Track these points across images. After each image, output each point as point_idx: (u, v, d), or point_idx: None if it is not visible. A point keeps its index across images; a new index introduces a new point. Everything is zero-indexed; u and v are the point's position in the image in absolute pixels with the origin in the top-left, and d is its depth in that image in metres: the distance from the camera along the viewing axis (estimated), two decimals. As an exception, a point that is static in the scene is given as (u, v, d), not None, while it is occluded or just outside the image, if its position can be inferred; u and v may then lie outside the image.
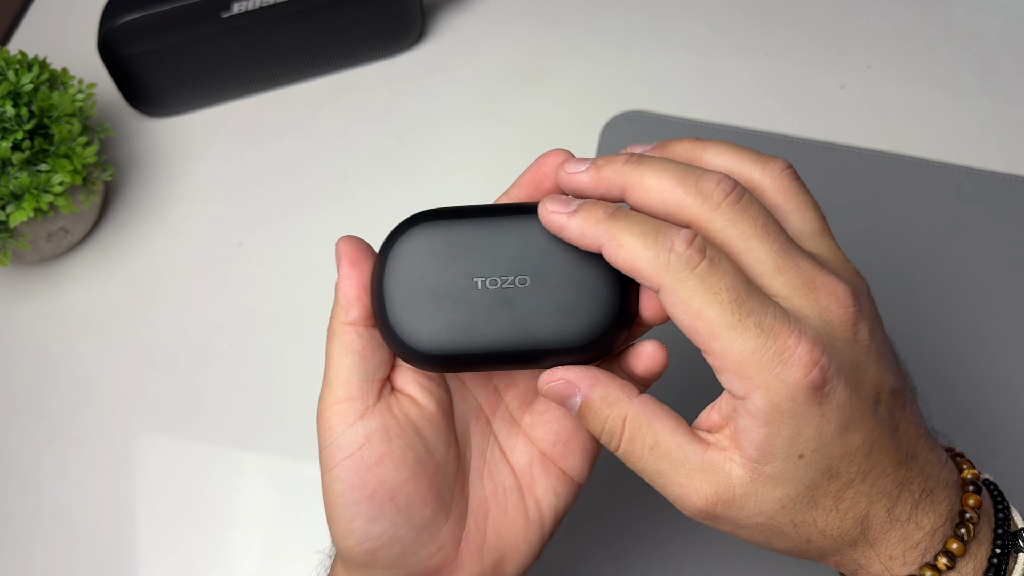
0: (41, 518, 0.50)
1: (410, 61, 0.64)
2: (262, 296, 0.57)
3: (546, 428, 0.35)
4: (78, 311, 0.56)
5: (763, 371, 0.27)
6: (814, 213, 0.31)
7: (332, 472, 0.32)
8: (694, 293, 0.27)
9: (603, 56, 0.64)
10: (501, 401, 0.35)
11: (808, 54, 0.64)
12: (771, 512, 0.29)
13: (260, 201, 0.60)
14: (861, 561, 0.30)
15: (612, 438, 0.30)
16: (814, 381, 0.27)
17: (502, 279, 0.31)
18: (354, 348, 0.32)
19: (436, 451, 0.33)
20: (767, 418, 0.28)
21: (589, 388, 0.30)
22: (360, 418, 0.31)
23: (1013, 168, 0.58)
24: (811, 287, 0.28)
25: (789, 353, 0.27)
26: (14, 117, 0.51)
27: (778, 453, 0.28)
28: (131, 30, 0.56)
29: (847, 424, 0.28)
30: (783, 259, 0.28)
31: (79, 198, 0.54)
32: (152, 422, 0.53)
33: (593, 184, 0.30)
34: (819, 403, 0.27)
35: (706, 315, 0.27)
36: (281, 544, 0.49)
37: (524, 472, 0.35)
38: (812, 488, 0.29)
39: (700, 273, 0.27)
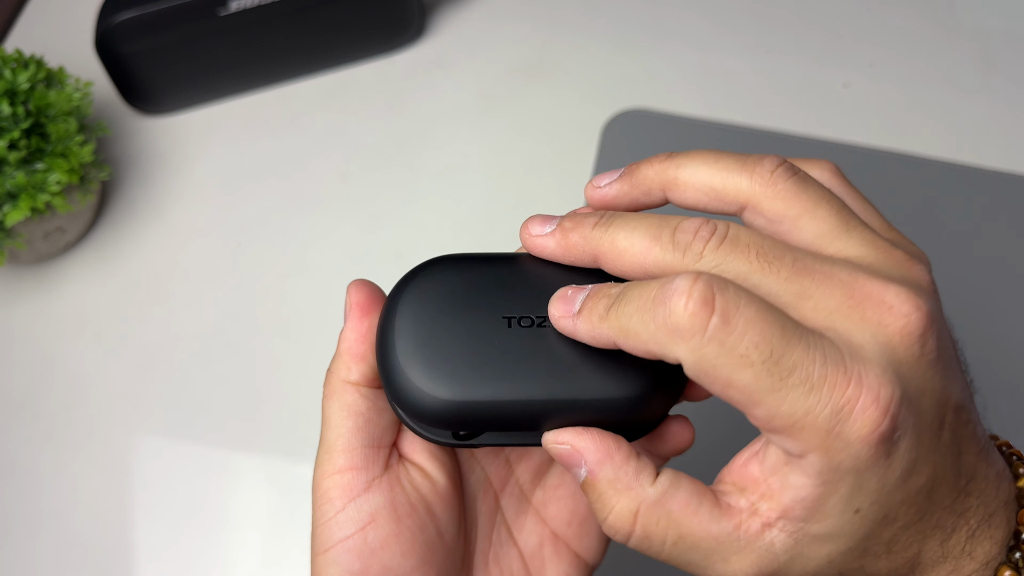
0: (38, 519, 0.50)
1: (409, 59, 0.64)
2: (260, 296, 0.56)
3: (560, 505, 0.31)
4: (75, 311, 0.56)
5: (821, 433, 0.22)
6: (827, 209, 0.26)
7: (327, 555, 0.27)
8: (718, 363, 0.22)
9: (604, 54, 0.64)
10: (512, 474, 0.31)
11: (811, 52, 0.63)
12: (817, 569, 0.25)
13: (258, 200, 0.60)
14: None
15: (618, 532, 0.25)
16: (883, 434, 0.23)
17: (535, 318, 0.27)
18: (357, 410, 0.27)
19: (447, 533, 0.29)
20: (824, 478, 0.23)
21: (596, 465, 0.25)
22: (365, 491, 0.27)
23: (1015, 166, 0.58)
24: (852, 303, 0.23)
25: (851, 406, 0.22)
26: (10, 116, 0.50)
27: (831, 512, 0.24)
28: (128, 28, 0.56)
29: (911, 468, 0.24)
30: (800, 283, 0.24)
31: (76, 197, 0.53)
32: (149, 423, 0.52)
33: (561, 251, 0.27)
34: (886, 455, 0.23)
35: (739, 383, 0.22)
36: (279, 546, 0.49)
37: (533, 556, 0.31)
38: (864, 539, 0.25)
39: (714, 336, 0.22)
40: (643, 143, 0.60)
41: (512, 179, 0.59)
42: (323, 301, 0.56)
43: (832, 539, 0.24)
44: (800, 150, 0.59)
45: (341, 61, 0.64)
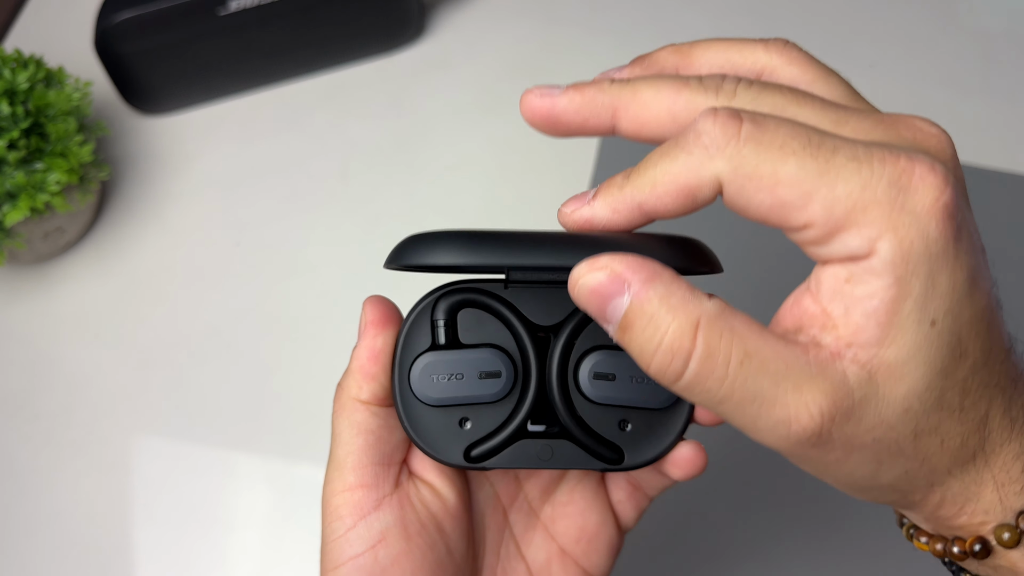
0: (37, 520, 0.50)
1: (408, 58, 0.64)
2: (259, 296, 0.56)
3: (569, 522, 0.30)
4: (74, 311, 0.56)
5: (884, 208, 0.20)
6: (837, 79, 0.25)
7: (338, 572, 0.27)
8: (757, 159, 0.21)
9: (604, 53, 0.64)
10: (521, 490, 0.31)
11: (811, 52, 0.63)
12: (893, 419, 0.22)
13: (257, 200, 0.60)
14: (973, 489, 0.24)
15: (675, 358, 0.21)
16: (948, 205, 0.20)
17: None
18: (367, 427, 0.27)
19: (457, 551, 0.28)
20: (898, 270, 0.20)
21: (645, 283, 0.21)
22: (375, 509, 0.27)
23: (1015, 167, 0.58)
24: (887, 125, 0.22)
25: (908, 175, 0.20)
26: (10, 116, 0.50)
27: (907, 322, 0.21)
28: (127, 28, 0.56)
29: (975, 276, 0.22)
30: (836, 112, 0.22)
31: (75, 197, 0.53)
32: (149, 423, 0.52)
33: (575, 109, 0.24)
34: (956, 238, 0.21)
35: (785, 175, 0.20)
36: (279, 546, 0.49)
37: (541, 571, 0.30)
38: (942, 375, 0.22)
39: (749, 136, 0.21)
40: (643, 145, 0.59)
41: (512, 179, 0.59)
42: (323, 301, 0.56)
43: (908, 369, 0.21)
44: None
45: (341, 61, 0.63)
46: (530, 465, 0.27)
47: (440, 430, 0.27)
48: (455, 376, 0.27)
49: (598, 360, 0.27)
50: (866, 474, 0.23)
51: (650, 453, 0.27)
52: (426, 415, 0.27)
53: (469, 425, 0.27)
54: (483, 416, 0.27)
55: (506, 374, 0.27)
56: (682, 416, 0.27)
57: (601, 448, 0.27)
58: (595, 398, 0.27)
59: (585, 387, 0.27)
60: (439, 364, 0.27)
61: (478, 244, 0.25)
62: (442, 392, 0.27)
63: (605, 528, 0.30)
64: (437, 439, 0.27)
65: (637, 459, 0.27)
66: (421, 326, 0.27)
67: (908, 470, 0.23)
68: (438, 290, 0.27)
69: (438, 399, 0.27)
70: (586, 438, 0.27)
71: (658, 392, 0.27)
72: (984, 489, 0.23)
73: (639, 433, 0.27)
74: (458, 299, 0.27)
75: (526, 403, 0.27)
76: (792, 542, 0.48)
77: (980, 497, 0.23)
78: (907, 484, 0.24)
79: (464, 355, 0.27)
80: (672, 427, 0.27)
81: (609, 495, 0.31)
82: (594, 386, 0.27)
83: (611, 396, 0.27)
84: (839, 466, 0.23)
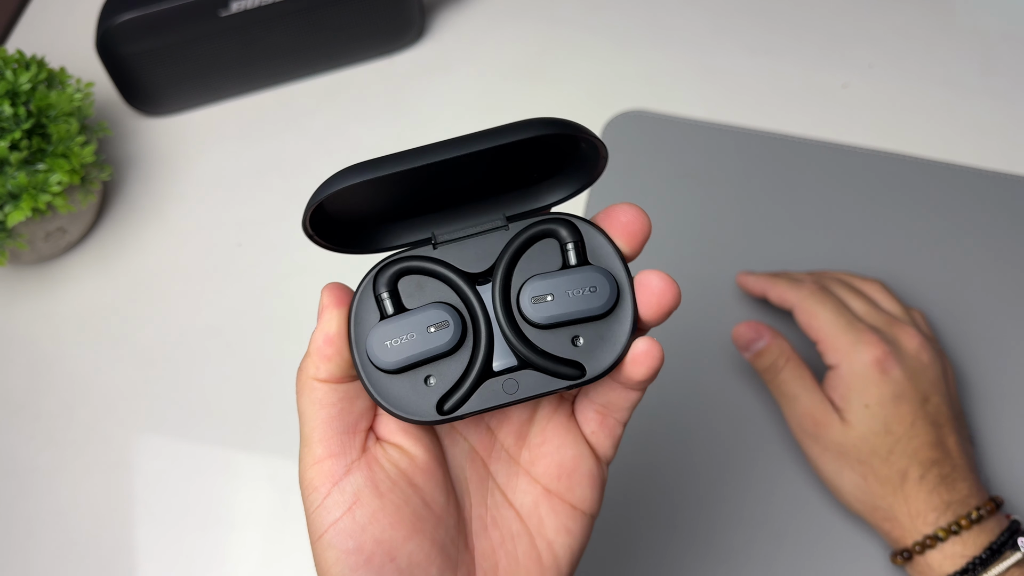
0: (39, 519, 0.50)
1: (409, 59, 0.64)
2: (260, 296, 0.56)
3: (547, 461, 0.32)
4: (76, 311, 0.56)
5: (848, 349, 0.46)
6: (886, 292, 0.51)
7: (323, 539, 0.29)
8: (813, 303, 0.48)
9: (604, 55, 0.64)
10: (495, 440, 0.32)
11: (810, 53, 0.64)
12: (845, 446, 0.45)
13: (259, 201, 0.60)
14: (897, 511, 0.43)
15: (775, 368, 0.48)
16: (878, 358, 0.45)
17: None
18: (328, 401, 0.29)
19: (435, 503, 0.30)
20: (846, 379, 0.45)
21: (773, 337, 0.48)
22: (346, 475, 0.29)
23: (1015, 167, 0.58)
24: (892, 324, 0.47)
25: (866, 343, 0.46)
26: (12, 116, 0.50)
27: (852, 402, 0.45)
28: (129, 29, 0.56)
29: (899, 395, 0.45)
30: (870, 308, 0.49)
31: (77, 198, 0.53)
32: (150, 423, 0.53)
33: None
34: (880, 373, 0.45)
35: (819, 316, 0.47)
36: (280, 545, 0.49)
37: (531, 514, 0.31)
38: (874, 434, 0.44)
39: (816, 294, 0.48)
40: (643, 144, 0.60)
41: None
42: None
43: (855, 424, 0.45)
44: (799, 151, 0.59)
45: (342, 62, 0.64)
46: (500, 402, 0.28)
47: (408, 393, 0.28)
48: (407, 336, 0.28)
49: (535, 286, 0.29)
50: (833, 473, 0.46)
51: (608, 358, 0.29)
52: (392, 383, 0.28)
53: (434, 381, 0.28)
54: (445, 369, 0.29)
55: (453, 322, 0.28)
56: (627, 317, 0.29)
57: (561, 367, 0.28)
58: (542, 321, 0.28)
59: (530, 314, 0.28)
60: (390, 331, 0.28)
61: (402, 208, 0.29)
62: (399, 355, 0.28)
63: (583, 461, 0.32)
64: (408, 402, 0.28)
65: (598, 368, 0.28)
66: (367, 304, 0.29)
67: (856, 486, 0.45)
68: (375, 267, 0.29)
69: (397, 362, 0.28)
70: (545, 361, 0.28)
71: (596, 297, 0.28)
72: (903, 515, 0.44)
73: (593, 344, 0.29)
74: (395, 270, 0.29)
75: (481, 345, 0.29)
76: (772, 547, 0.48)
77: (902, 520, 0.44)
78: (864, 495, 0.45)
79: (411, 316, 0.28)
80: (621, 330, 0.29)
81: (581, 429, 0.32)
82: (537, 310, 0.28)
83: (556, 314, 0.28)
84: (821, 458, 0.46)
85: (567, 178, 0.30)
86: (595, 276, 0.28)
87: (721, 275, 0.55)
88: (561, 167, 0.30)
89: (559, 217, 0.30)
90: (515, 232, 0.30)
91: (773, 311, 0.53)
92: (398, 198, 0.29)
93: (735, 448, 0.50)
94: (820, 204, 0.57)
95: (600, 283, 0.28)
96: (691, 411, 0.51)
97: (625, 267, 0.29)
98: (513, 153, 0.28)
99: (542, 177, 0.30)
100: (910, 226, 0.56)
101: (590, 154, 0.29)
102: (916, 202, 0.57)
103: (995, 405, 0.51)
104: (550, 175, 0.30)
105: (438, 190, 0.29)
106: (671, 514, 0.49)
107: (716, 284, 0.55)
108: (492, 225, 0.30)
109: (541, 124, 0.27)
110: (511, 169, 0.29)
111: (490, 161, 0.27)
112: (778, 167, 0.58)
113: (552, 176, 0.30)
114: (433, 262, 0.29)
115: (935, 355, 0.47)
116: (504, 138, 0.27)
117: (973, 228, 0.56)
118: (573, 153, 0.29)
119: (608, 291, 0.28)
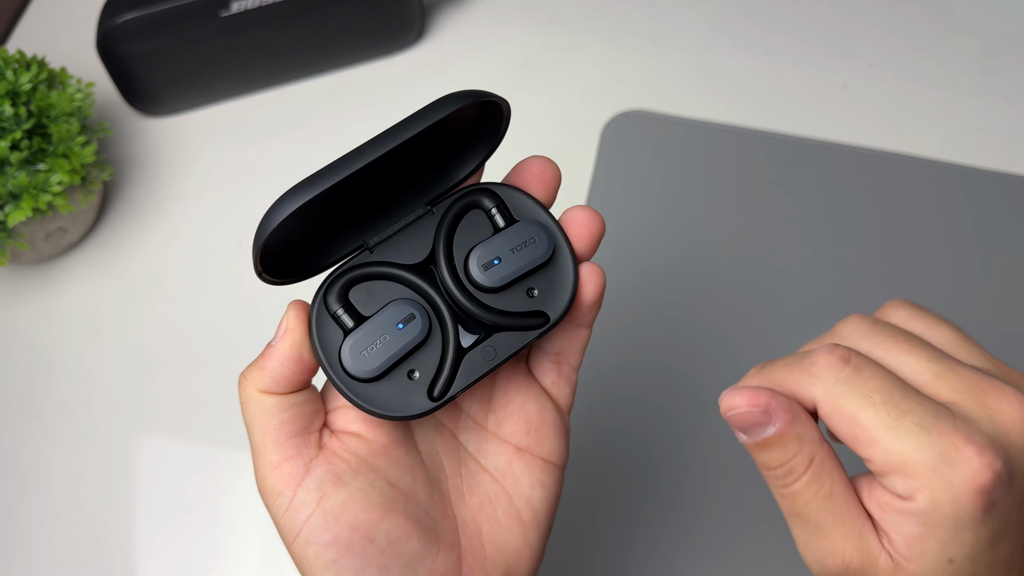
0: (39, 519, 0.50)
1: (409, 60, 0.64)
2: (261, 296, 0.56)
3: (514, 420, 0.33)
4: (76, 311, 0.56)
5: (928, 471, 0.26)
6: (947, 326, 0.31)
7: (299, 539, 0.29)
8: (845, 399, 0.27)
9: (603, 55, 0.64)
10: (461, 411, 0.33)
11: (809, 53, 0.64)
12: None
13: (259, 200, 0.60)
14: None
15: (790, 475, 0.29)
16: (983, 486, 0.26)
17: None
18: (280, 409, 0.29)
19: (400, 481, 0.30)
20: (926, 519, 0.27)
21: (789, 423, 0.28)
22: (307, 473, 0.29)
23: (1014, 167, 0.58)
24: (978, 390, 0.27)
25: (956, 453, 0.26)
26: (12, 116, 0.50)
27: (928, 554, 0.27)
28: (130, 29, 0.56)
29: (1001, 533, 0.27)
30: (939, 365, 0.28)
31: (77, 198, 0.54)
32: (150, 422, 0.53)
33: None
34: (984, 509, 0.26)
35: (862, 420, 0.27)
36: (280, 544, 0.49)
37: (505, 475, 0.33)
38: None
39: (847, 379, 0.27)
40: (643, 144, 0.60)
41: (512, 180, 0.59)
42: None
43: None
44: (799, 151, 0.59)
45: (342, 62, 0.64)
46: (485, 370, 0.29)
47: (397, 393, 0.29)
48: (380, 339, 0.29)
49: (479, 254, 0.30)
50: None
51: (564, 296, 0.30)
52: (379, 390, 0.29)
53: (417, 374, 0.29)
54: (423, 360, 0.29)
55: (419, 313, 0.29)
56: (567, 255, 0.30)
57: (528, 320, 0.30)
58: (497, 284, 0.30)
59: (484, 280, 0.30)
60: (361, 340, 0.29)
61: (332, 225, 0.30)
62: (379, 359, 0.29)
63: (547, 413, 0.33)
64: (401, 401, 0.29)
65: (559, 308, 0.30)
66: (326, 324, 0.29)
67: None
68: (321, 287, 0.30)
69: (379, 366, 0.29)
70: (512, 320, 0.30)
71: (537, 247, 0.30)
72: None
73: (546, 290, 0.30)
74: (342, 283, 0.30)
75: (448, 325, 0.29)
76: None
77: None
78: None
79: (375, 320, 0.29)
80: (566, 268, 0.30)
81: (540, 382, 0.33)
82: (490, 275, 0.30)
83: (507, 274, 0.30)
84: None
85: (473, 147, 0.31)
86: (529, 229, 0.30)
87: (721, 275, 0.55)
88: (466, 139, 0.31)
89: (476, 188, 0.31)
90: (440, 214, 0.31)
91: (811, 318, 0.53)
92: (324, 216, 0.30)
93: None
94: (820, 204, 0.57)
95: (536, 234, 0.30)
96: (697, 406, 0.51)
97: (548, 214, 0.31)
98: (424, 138, 0.28)
99: (449, 155, 0.31)
100: (909, 226, 0.56)
101: (493, 116, 0.30)
102: (916, 202, 0.57)
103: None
104: (456, 151, 0.31)
105: (358, 197, 0.30)
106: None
107: (716, 284, 0.55)
108: (416, 215, 0.30)
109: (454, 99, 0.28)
110: (421, 156, 0.30)
111: (404, 152, 0.28)
112: (778, 167, 0.59)
113: (459, 151, 0.31)
114: (376, 265, 0.30)
115: None
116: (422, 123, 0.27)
117: (973, 228, 0.56)
118: (476, 121, 0.30)
119: (546, 239, 0.30)
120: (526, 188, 0.31)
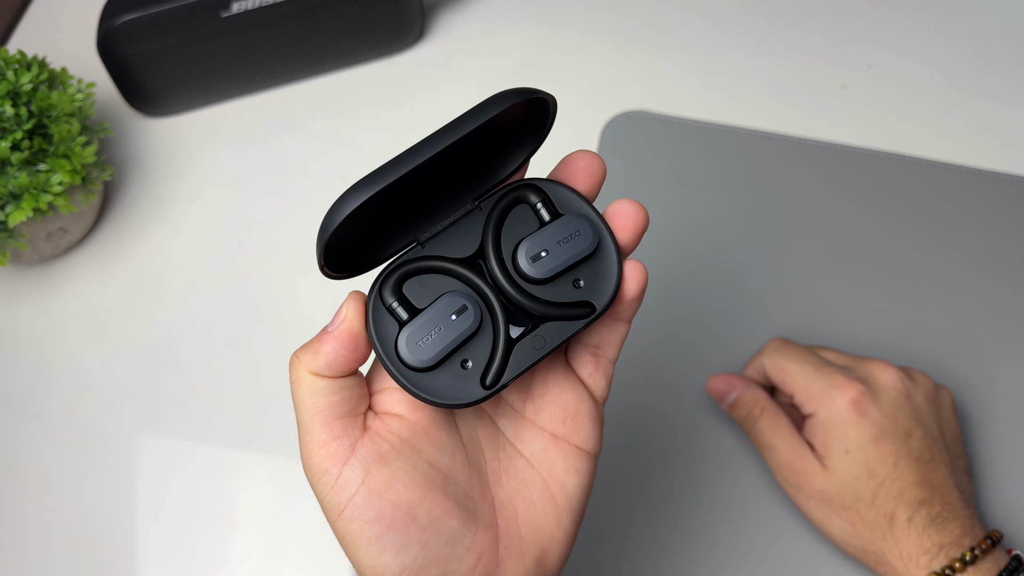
0: (40, 518, 0.50)
1: (410, 60, 0.64)
2: (261, 296, 0.56)
3: (551, 409, 0.34)
4: (77, 311, 0.56)
5: (821, 395, 0.45)
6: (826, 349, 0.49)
7: (344, 516, 0.30)
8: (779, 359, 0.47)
9: (603, 56, 0.64)
10: (501, 399, 0.34)
11: (809, 54, 0.64)
12: (829, 493, 0.44)
13: (260, 201, 0.60)
14: (889, 555, 0.43)
15: (751, 418, 0.47)
16: (854, 398, 0.44)
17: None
18: (330, 391, 0.30)
19: (440, 462, 0.32)
20: (824, 426, 0.45)
21: (744, 388, 0.48)
22: (352, 453, 0.30)
23: (1014, 168, 0.58)
24: (862, 362, 0.46)
25: (838, 384, 0.45)
26: (13, 117, 0.50)
27: (832, 449, 0.44)
28: (130, 29, 0.56)
29: (880, 436, 0.44)
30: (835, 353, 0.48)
31: (78, 198, 0.54)
32: (151, 422, 0.53)
33: None
34: (858, 414, 0.44)
35: (788, 370, 0.47)
36: (281, 545, 0.49)
37: (541, 461, 0.34)
38: (856, 480, 0.43)
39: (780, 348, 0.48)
40: (643, 145, 0.60)
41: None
42: (324, 301, 0.56)
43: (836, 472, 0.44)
44: (798, 151, 0.59)
45: (343, 63, 0.64)
46: (535, 359, 0.30)
47: (452, 381, 0.30)
48: (435, 330, 0.30)
49: (528, 247, 0.31)
50: (822, 519, 0.45)
51: (610, 287, 0.31)
52: (434, 379, 0.30)
53: (471, 364, 0.30)
54: (476, 349, 0.30)
55: (471, 304, 0.30)
56: (611, 247, 0.31)
57: (575, 310, 0.31)
58: (545, 275, 0.31)
59: (532, 272, 0.31)
60: (416, 331, 0.30)
61: (389, 230, 0.31)
62: (434, 348, 0.30)
63: (583, 403, 0.34)
64: (455, 390, 0.30)
65: (605, 298, 0.31)
66: (382, 317, 0.30)
67: (844, 530, 0.44)
68: (376, 282, 0.31)
69: (434, 356, 0.30)
70: (559, 310, 0.31)
71: (583, 239, 0.31)
72: (895, 559, 0.43)
73: (592, 282, 0.31)
74: (396, 277, 0.30)
75: (499, 316, 0.30)
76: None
77: (894, 564, 0.43)
78: (854, 540, 0.44)
79: (429, 312, 0.30)
80: (611, 260, 0.31)
81: (578, 374, 0.34)
82: (538, 267, 0.31)
83: (555, 265, 0.31)
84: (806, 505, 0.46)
85: (519, 144, 0.32)
86: (574, 222, 0.31)
87: (721, 275, 0.55)
88: (512, 136, 0.32)
89: (522, 183, 0.32)
90: (488, 209, 0.31)
91: (773, 311, 0.53)
92: (380, 212, 0.30)
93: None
94: (819, 204, 0.57)
95: (581, 226, 0.31)
96: (695, 404, 0.51)
97: (592, 207, 0.32)
98: (474, 136, 0.29)
99: (496, 151, 0.32)
100: (908, 227, 0.56)
101: (540, 113, 0.31)
102: (915, 202, 0.57)
103: (993, 405, 0.51)
104: (503, 147, 0.32)
105: (410, 194, 0.30)
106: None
107: (716, 284, 0.55)
108: (465, 210, 0.31)
109: (505, 97, 0.28)
110: (470, 153, 0.31)
111: (454, 150, 0.29)
112: (778, 167, 0.59)
113: (505, 147, 0.32)
114: (428, 259, 0.31)
115: (915, 383, 0.46)
116: (475, 121, 0.28)
117: (972, 228, 0.56)
118: (522, 118, 0.31)
119: (591, 231, 0.31)
120: (572, 182, 0.32)
